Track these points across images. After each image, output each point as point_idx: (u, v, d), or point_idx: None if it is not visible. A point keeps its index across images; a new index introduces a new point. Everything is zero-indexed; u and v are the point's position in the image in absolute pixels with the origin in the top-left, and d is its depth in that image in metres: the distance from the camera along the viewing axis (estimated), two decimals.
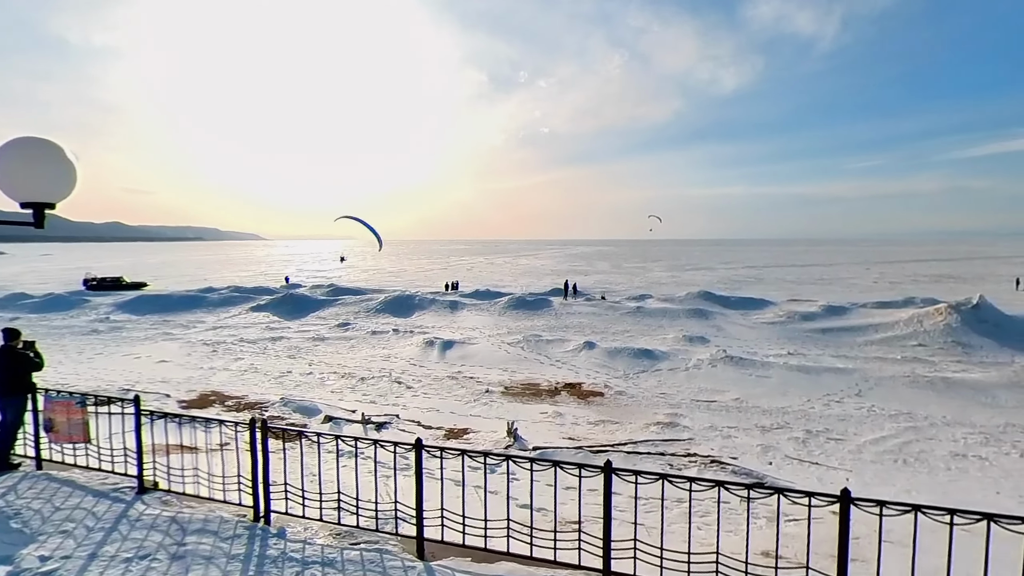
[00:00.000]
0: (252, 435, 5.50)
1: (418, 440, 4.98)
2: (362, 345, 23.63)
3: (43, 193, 3.54)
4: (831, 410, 14.48)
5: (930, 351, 21.56)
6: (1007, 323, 23.69)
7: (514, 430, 11.99)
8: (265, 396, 15.32)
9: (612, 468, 4.51)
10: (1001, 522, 3.83)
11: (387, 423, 13.01)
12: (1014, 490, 9.81)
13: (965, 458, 11.21)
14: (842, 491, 4.13)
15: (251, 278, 64.45)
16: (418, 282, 57.83)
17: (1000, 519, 3.82)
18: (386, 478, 7.14)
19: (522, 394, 16.05)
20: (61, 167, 3.59)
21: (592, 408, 14.75)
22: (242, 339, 24.65)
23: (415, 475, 5.00)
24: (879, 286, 53.14)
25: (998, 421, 13.39)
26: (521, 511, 5.70)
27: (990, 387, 15.91)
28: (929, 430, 12.84)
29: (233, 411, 13.99)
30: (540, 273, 75.52)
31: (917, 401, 15.04)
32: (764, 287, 51.75)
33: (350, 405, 14.68)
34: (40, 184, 3.52)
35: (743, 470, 10.33)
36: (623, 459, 10.84)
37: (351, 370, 18.89)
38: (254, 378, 17.93)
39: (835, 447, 11.89)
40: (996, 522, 3.84)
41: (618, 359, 19.90)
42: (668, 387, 16.78)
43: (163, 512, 5.56)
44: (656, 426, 13.12)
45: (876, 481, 10.16)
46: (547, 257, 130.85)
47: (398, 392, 16.23)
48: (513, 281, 59.74)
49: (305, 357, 21.19)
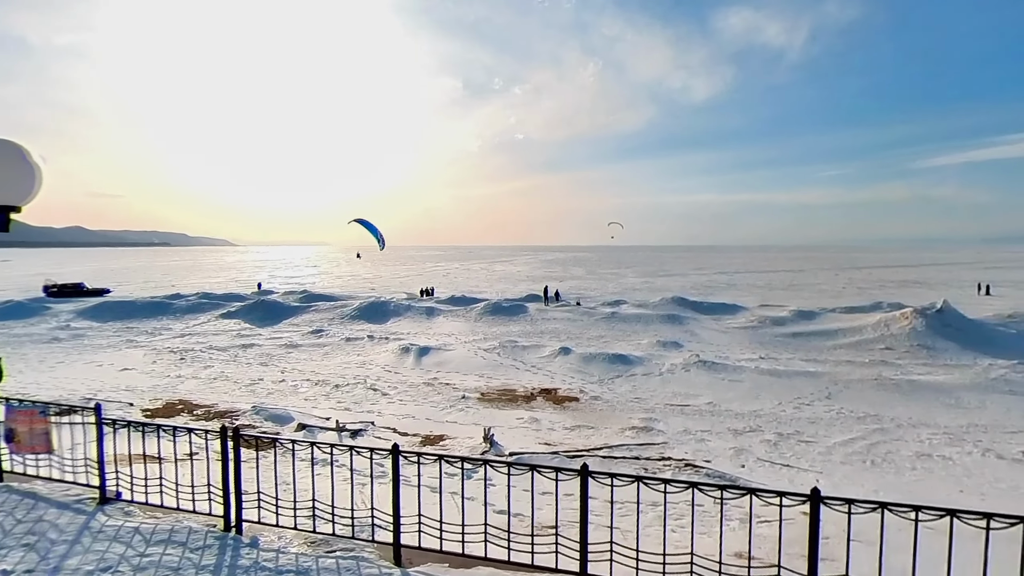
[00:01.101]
0: (223, 443, 5.41)
1: (395, 446, 4.96)
2: (336, 352, 23.37)
3: (7, 196, 3.44)
4: (802, 413, 14.74)
5: (897, 354, 22.10)
6: (970, 327, 24.42)
7: (490, 436, 11.98)
8: (235, 404, 15.04)
9: (588, 471, 4.54)
10: (963, 518, 3.95)
11: (362, 430, 12.88)
12: (976, 488, 10.10)
13: (930, 458, 11.51)
14: (812, 490, 4.22)
15: (221, 284, 63.29)
16: (393, 288, 57.43)
17: (962, 514, 3.94)
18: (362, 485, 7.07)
19: (498, 400, 16.03)
20: (25, 169, 3.49)
21: (568, 413, 14.80)
22: (211, 346, 24.18)
23: (392, 481, 4.97)
24: (847, 291, 54.34)
25: (961, 422, 13.78)
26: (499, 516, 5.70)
27: (954, 389, 16.37)
28: (896, 431, 13.16)
29: (202, 420, 13.72)
30: (516, 279, 75.62)
31: (884, 403, 15.40)
32: (736, 292, 52.54)
33: (324, 413, 14.49)
34: (3, 186, 3.43)
35: (716, 473, 10.46)
36: (599, 464, 10.89)
37: (325, 377, 18.66)
38: (224, 386, 17.60)
39: (806, 449, 12.10)
40: (959, 518, 3.95)
41: (593, 364, 20.01)
42: (643, 392, 16.91)
43: (126, 523, 5.42)
44: (631, 431, 13.21)
45: (845, 482, 10.36)
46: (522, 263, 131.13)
47: (373, 399, 16.07)
48: (489, 287, 59.70)
49: (277, 364, 20.87)
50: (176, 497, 5.76)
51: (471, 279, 75.73)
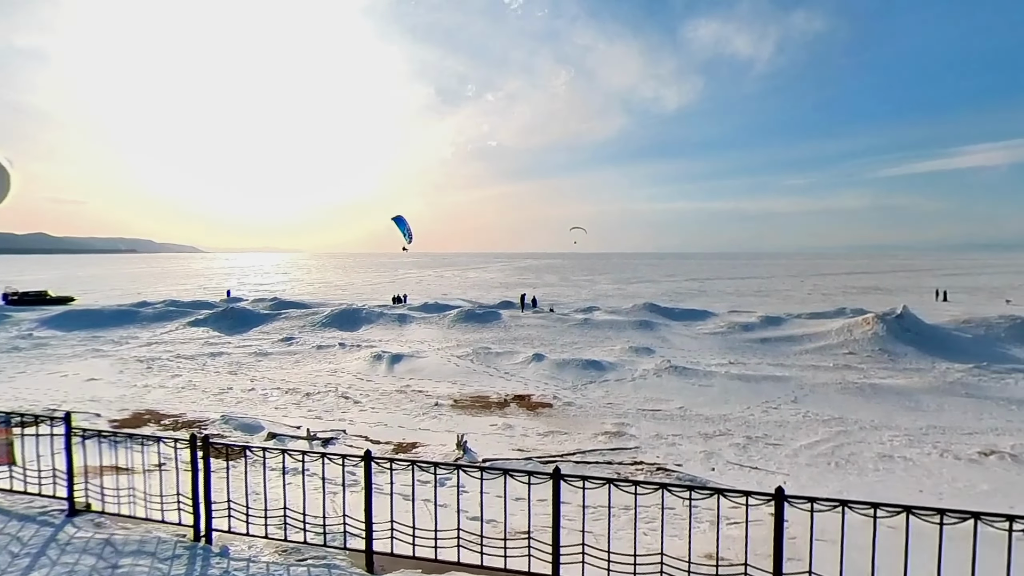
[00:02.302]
0: (193, 452, 5.34)
1: (367, 452, 4.96)
2: (307, 360, 23.10)
3: None
4: (769, 416, 15.06)
5: (859, 359, 22.70)
6: (928, 332, 25.22)
7: (464, 443, 11.98)
8: (204, 414, 14.77)
9: (561, 475, 4.61)
10: (919, 514, 4.12)
11: (333, 439, 12.77)
12: (935, 487, 10.45)
13: (891, 459, 11.86)
14: (776, 489, 4.35)
15: (189, 292, 61.99)
16: (365, 295, 56.96)
17: (917, 511, 4.11)
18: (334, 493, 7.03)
19: (471, 407, 16.03)
20: None
21: (541, 419, 14.87)
22: (179, 355, 23.69)
23: (364, 487, 4.97)
24: (813, 297, 55.59)
25: (920, 424, 14.23)
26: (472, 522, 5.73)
27: (913, 392, 16.90)
28: (859, 433, 13.52)
29: (170, 430, 13.44)
30: (489, 286, 75.64)
31: (848, 406, 15.81)
32: (706, 299, 53.34)
33: (295, 421, 14.33)
34: None
35: (687, 476, 10.63)
36: (572, 469, 10.97)
37: (295, 385, 18.44)
38: (192, 395, 17.27)
39: (773, 452, 12.37)
40: (914, 514, 4.12)
41: (566, 371, 20.14)
42: (615, 397, 17.08)
43: (96, 535, 5.31)
44: (604, 436, 13.34)
45: (811, 483, 10.61)
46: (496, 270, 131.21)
47: (345, 407, 15.94)
48: (462, 294, 59.58)
49: (247, 373, 20.54)
50: (146, 507, 5.66)
51: (444, 286, 75.50)
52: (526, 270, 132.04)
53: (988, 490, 10.29)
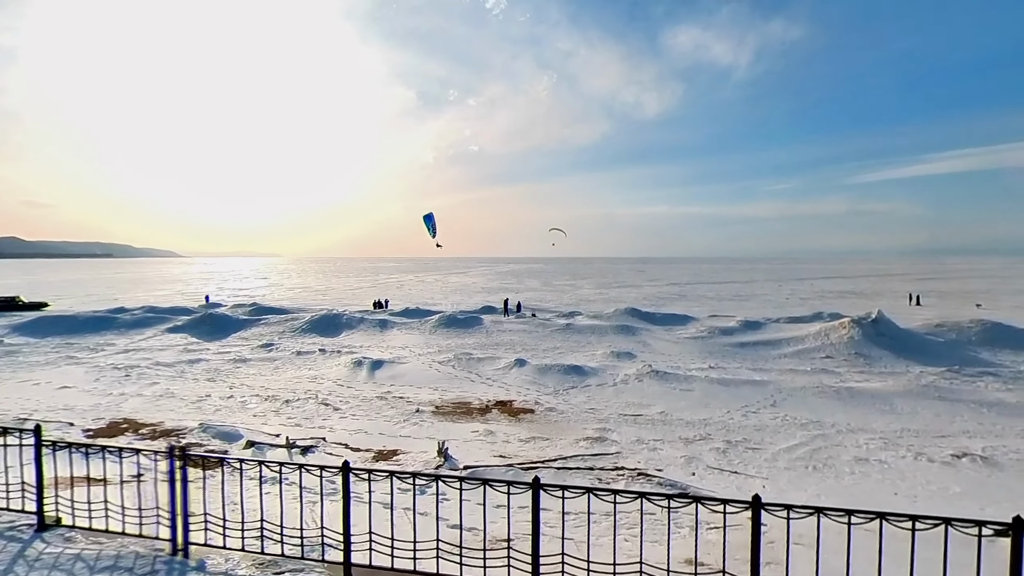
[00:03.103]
0: (170, 463, 5.25)
1: (345, 463, 4.92)
2: (287, 366, 22.86)
3: None
4: (749, 420, 15.21)
5: (836, 363, 23.05)
6: (902, 336, 25.70)
7: (445, 450, 11.93)
8: (182, 422, 14.55)
9: (540, 484, 4.61)
10: (892, 520, 4.19)
11: (313, 447, 12.64)
12: (909, 490, 10.62)
13: (867, 462, 12.04)
14: (753, 497, 4.40)
15: (167, 297, 61.06)
16: (346, 300, 56.54)
17: (890, 517, 4.18)
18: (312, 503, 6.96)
19: (453, 413, 15.98)
20: None
21: (523, 425, 14.87)
22: (157, 362, 23.29)
23: (342, 499, 4.93)
24: (791, 302, 56.35)
25: (895, 427, 14.47)
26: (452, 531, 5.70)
27: (888, 395, 17.18)
28: (836, 437, 13.71)
29: (147, 439, 13.21)
30: (471, 291, 75.53)
31: (825, 410, 16.03)
32: (687, 303, 53.82)
33: (274, 429, 14.16)
34: None
35: (668, 481, 10.69)
36: (553, 475, 10.98)
37: (275, 392, 18.23)
38: (170, 403, 16.98)
39: (753, 456, 12.48)
40: (888, 520, 4.19)
41: (548, 376, 20.16)
42: (597, 402, 17.13)
43: (66, 550, 5.20)
44: (585, 441, 13.37)
45: (790, 487, 10.73)
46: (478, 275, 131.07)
47: (325, 414, 15.79)
48: (444, 299, 59.45)
49: (226, 380, 20.26)
50: (121, 521, 5.55)
51: (426, 291, 75.27)
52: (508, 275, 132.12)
53: (960, 492, 10.48)
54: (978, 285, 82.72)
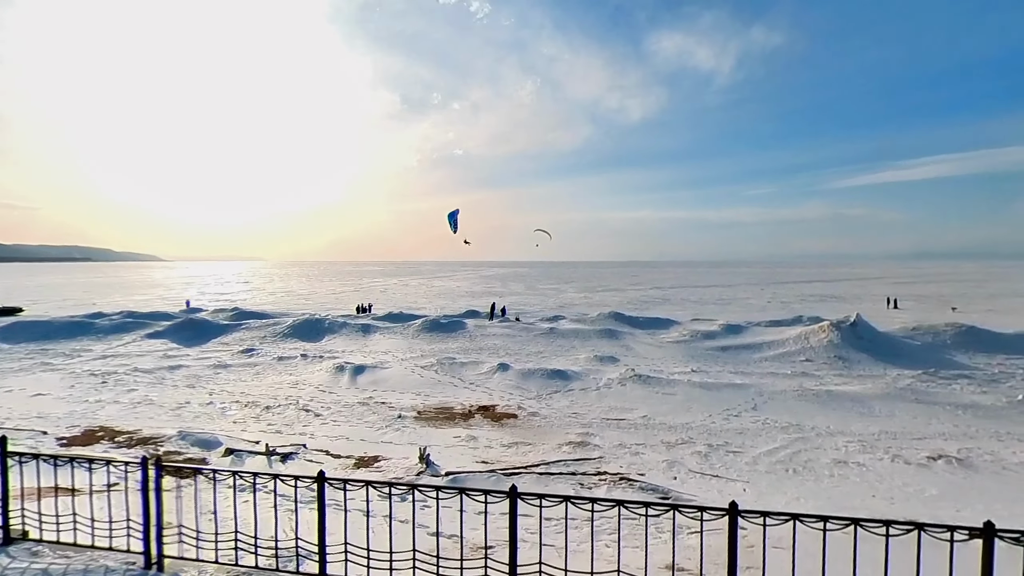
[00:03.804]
0: (143, 474, 5.14)
1: (320, 473, 4.85)
2: (268, 372, 22.61)
3: None
4: (730, 424, 15.31)
5: (816, 366, 23.30)
6: (880, 339, 26.06)
7: (426, 456, 11.86)
8: (161, 430, 14.31)
9: (517, 492, 4.59)
10: (866, 526, 4.23)
11: (293, 454, 12.49)
12: (887, 492, 10.75)
13: (846, 465, 12.17)
14: (730, 504, 4.41)
15: (147, 302, 60.13)
16: (328, 305, 56.13)
17: (865, 523, 4.22)
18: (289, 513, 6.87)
19: (435, 418, 15.90)
20: None
21: (506, 430, 14.83)
22: (136, 368, 22.91)
23: (317, 509, 4.86)
24: (772, 306, 56.94)
25: (873, 429, 14.66)
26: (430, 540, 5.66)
27: (866, 398, 17.40)
28: (815, 440, 13.85)
29: (124, 447, 12.97)
30: (455, 295, 75.37)
31: (805, 413, 16.19)
32: (670, 307, 54.14)
33: (254, 436, 13.98)
34: None
35: (650, 486, 10.72)
36: (535, 480, 10.97)
37: (255, 399, 18.02)
38: (148, 410, 16.70)
39: (734, 459, 12.56)
40: (862, 526, 4.23)
41: (531, 380, 20.15)
42: (580, 407, 17.15)
43: (32, 564, 5.07)
44: (568, 446, 13.37)
45: (770, 490, 10.82)
46: (462, 279, 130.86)
47: (305, 420, 15.63)
48: (428, 303, 59.26)
49: (205, 386, 19.98)
50: (91, 534, 5.42)
51: (409, 295, 74.96)
52: (492, 279, 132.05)
53: (936, 494, 10.63)
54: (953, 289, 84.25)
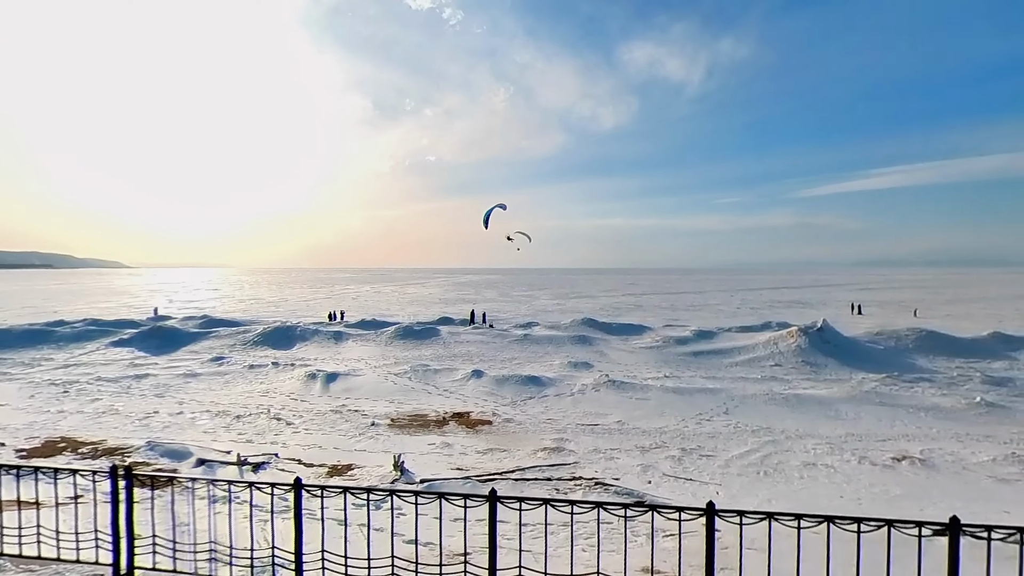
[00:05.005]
0: (113, 483, 5.00)
1: (297, 479, 4.79)
2: (238, 380, 22.18)
3: None
4: (703, 428, 15.51)
5: (785, 370, 23.78)
6: (846, 344, 26.71)
7: (401, 463, 11.76)
8: (127, 440, 13.92)
9: (496, 496, 4.59)
10: (839, 524, 4.34)
11: (265, 463, 12.28)
12: (854, 493, 11.00)
13: (815, 467, 12.42)
14: (707, 504, 4.49)
15: (112, 310, 58.56)
16: (300, 312, 55.37)
17: (837, 520, 4.33)
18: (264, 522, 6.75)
19: (409, 426, 15.79)
20: None
21: (480, 437, 14.79)
22: (100, 377, 22.26)
23: (294, 517, 4.79)
24: (742, 311, 57.91)
25: (840, 432, 15.00)
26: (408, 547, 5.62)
27: (833, 401, 17.81)
28: (785, 443, 14.11)
29: (88, 459, 12.58)
30: (428, 302, 75.02)
31: (775, 416, 16.49)
32: (643, 313, 54.70)
33: (224, 446, 13.70)
34: None
35: (625, 490, 10.79)
36: (511, 486, 10.95)
37: (226, 408, 17.66)
38: (114, 420, 16.24)
39: (707, 463, 12.73)
40: (834, 524, 4.34)
41: (506, 387, 20.15)
42: (554, 412, 17.20)
43: None
44: (543, 451, 13.39)
45: (742, 493, 10.98)
46: (435, 286, 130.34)
47: (277, 429, 15.37)
48: (401, 310, 58.84)
49: (174, 395, 19.52)
50: (57, 547, 5.24)
51: (382, 302, 74.35)
52: (466, 285, 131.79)
53: (901, 494, 10.92)
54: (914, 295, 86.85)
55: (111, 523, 5.00)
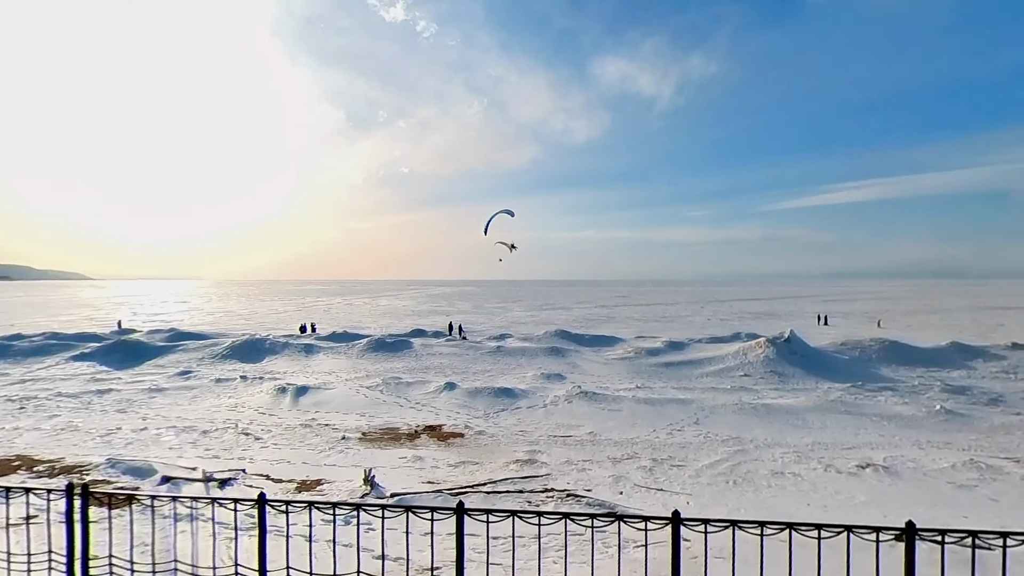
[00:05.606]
0: (68, 502, 4.85)
1: (261, 495, 4.71)
2: (205, 395, 21.71)
3: None
4: (674, 438, 15.66)
5: (754, 380, 24.16)
6: (812, 354, 27.28)
7: (371, 477, 11.63)
8: (87, 458, 13.51)
9: (464, 509, 4.58)
10: (800, 530, 4.42)
11: (232, 479, 12.02)
12: (820, 500, 11.21)
13: (783, 475, 12.63)
14: (673, 513, 4.54)
15: (73, 323, 56.86)
16: (270, 325, 54.48)
17: (799, 527, 4.41)
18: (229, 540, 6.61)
19: (380, 439, 15.62)
20: None
21: (452, 450, 14.71)
22: (60, 393, 21.59)
23: (258, 534, 4.71)
24: (712, 323, 58.71)
25: (807, 440, 15.29)
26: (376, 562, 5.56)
27: (800, 411, 18.15)
28: (754, 452, 14.33)
29: (45, 477, 12.17)
30: (401, 314, 74.49)
31: (744, 426, 16.74)
32: (615, 325, 55.10)
33: (190, 462, 13.38)
34: None
35: (596, 501, 10.83)
36: (483, 499, 10.91)
37: (192, 423, 17.26)
38: (73, 437, 15.75)
39: (677, 473, 12.85)
40: (796, 530, 4.42)
41: (479, 399, 20.09)
42: (527, 424, 17.20)
43: None
44: (515, 464, 13.37)
45: (712, 502, 11.11)
46: (408, 298, 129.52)
47: (245, 444, 15.07)
48: (373, 322, 58.30)
49: (138, 411, 19.01)
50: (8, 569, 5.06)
51: (354, 314, 73.58)
52: (439, 297, 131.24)
53: (865, 501, 11.16)
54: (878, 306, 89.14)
55: (66, 544, 4.84)
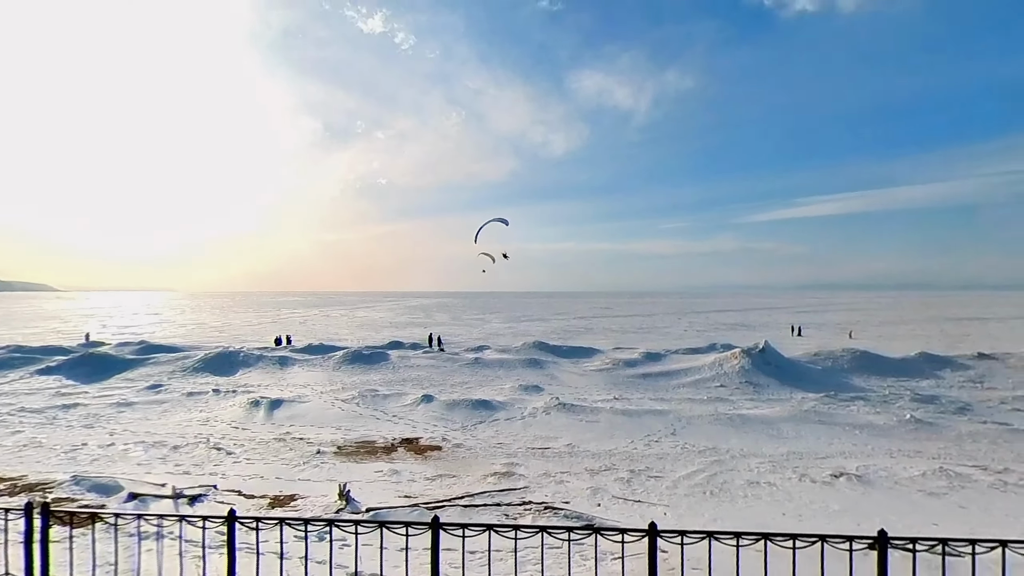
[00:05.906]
0: (27, 522, 4.68)
1: (231, 511, 4.60)
2: (176, 409, 21.23)
3: None
4: (651, 449, 15.71)
5: (729, 391, 24.39)
6: (786, 365, 27.66)
7: (346, 492, 11.45)
8: (51, 475, 13.09)
9: (439, 523, 4.52)
10: (775, 540, 4.45)
11: (202, 495, 11.73)
12: (795, 510, 11.31)
13: (759, 485, 12.73)
14: (649, 525, 4.54)
15: (39, 335, 55.28)
16: (244, 337, 53.60)
17: (774, 537, 4.44)
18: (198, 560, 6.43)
19: (356, 453, 15.41)
20: None
21: (430, 463, 14.57)
22: (23, 408, 20.93)
23: (227, 552, 4.59)
24: (688, 334, 59.24)
25: (782, 450, 15.45)
26: None
27: (775, 421, 18.35)
28: (731, 462, 14.43)
29: (5, 496, 11.75)
30: (378, 326, 73.86)
31: (720, 436, 16.86)
32: (593, 336, 55.27)
33: (159, 478, 13.03)
34: None
35: (574, 514, 10.79)
36: (460, 513, 10.80)
37: (162, 438, 16.84)
38: (36, 454, 15.26)
39: (655, 484, 12.87)
40: (771, 540, 4.45)
41: (456, 411, 19.96)
42: (505, 436, 17.12)
43: None
44: (493, 476, 13.28)
45: (689, 513, 11.14)
46: (385, 309, 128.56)
47: (217, 459, 14.74)
48: (350, 334, 57.68)
49: (106, 426, 18.50)
50: None
51: (331, 326, 72.76)
52: (416, 309, 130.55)
53: (839, 509, 11.29)
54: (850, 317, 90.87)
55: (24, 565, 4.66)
